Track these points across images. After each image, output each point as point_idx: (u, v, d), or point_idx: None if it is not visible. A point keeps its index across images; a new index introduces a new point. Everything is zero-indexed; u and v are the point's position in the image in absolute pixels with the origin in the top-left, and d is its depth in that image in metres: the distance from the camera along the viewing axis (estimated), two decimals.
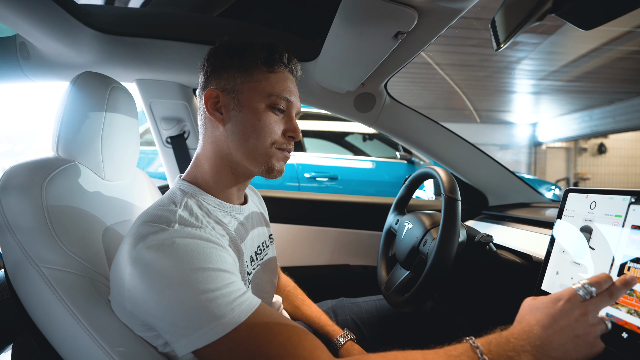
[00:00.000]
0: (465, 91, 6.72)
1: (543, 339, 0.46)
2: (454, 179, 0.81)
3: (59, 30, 0.83)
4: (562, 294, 0.49)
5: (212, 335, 0.46)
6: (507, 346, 0.46)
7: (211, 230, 0.57)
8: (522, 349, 0.46)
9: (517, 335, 0.47)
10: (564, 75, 5.75)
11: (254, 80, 0.62)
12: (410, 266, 0.89)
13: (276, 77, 0.63)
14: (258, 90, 0.62)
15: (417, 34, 0.74)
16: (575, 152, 9.58)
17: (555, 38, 4.35)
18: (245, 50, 0.62)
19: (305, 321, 0.89)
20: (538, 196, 1.37)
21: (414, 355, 0.48)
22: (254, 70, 0.62)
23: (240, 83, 0.62)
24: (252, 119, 0.61)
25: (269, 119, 0.62)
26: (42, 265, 0.56)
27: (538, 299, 0.51)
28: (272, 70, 0.63)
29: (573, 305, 0.47)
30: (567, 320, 0.46)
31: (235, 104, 0.62)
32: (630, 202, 0.56)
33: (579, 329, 0.45)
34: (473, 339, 0.48)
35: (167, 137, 1.28)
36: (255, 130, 0.61)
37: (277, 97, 0.62)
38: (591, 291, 0.47)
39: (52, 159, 0.66)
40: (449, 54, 4.96)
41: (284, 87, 0.63)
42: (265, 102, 0.62)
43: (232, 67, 0.62)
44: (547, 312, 0.48)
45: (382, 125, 1.23)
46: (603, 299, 0.47)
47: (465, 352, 0.47)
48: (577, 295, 0.47)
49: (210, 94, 0.63)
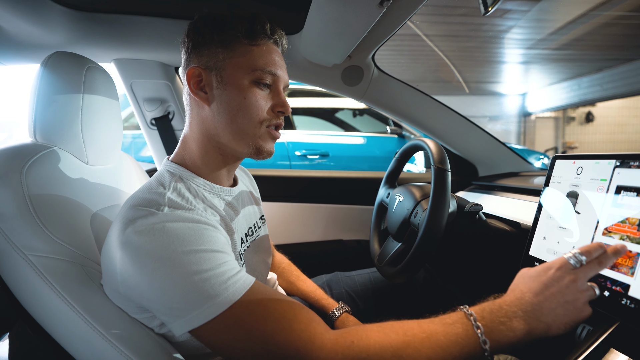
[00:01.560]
0: (454, 62, 6.64)
1: (534, 305, 0.48)
2: (444, 150, 0.81)
3: (26, 9, 0.78)
4: (553, 263, 0.50)
5: (207, 314, 0.46)
6: (499, 312, 0.48)
7: (202, 211, 0.56)
8: (514, 314, 0.47)
9: (509, 302, 0.49)
10: (552, 43, 5.72)
11: (237, 55, 0.59)
12: (402, 238, 0.91)
13: (260, 50, 0.60)
14: (241, 66, 0.59)
15: (402, 1, 0.72)
16: (563, 122, 9.68)
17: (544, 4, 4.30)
18: (225, 24, 0.59)
19: (301, 296, 0.91)
20: (527, 165, 1.39)
21: (409, 324, 0.49)
22: (235, 45, 0.59)
23: (223, 59, 0.59)
24: (237, 96, 0.59)
25: (254, 95, 0.60)
26: (29, 253, 0.55)
27: (532, 269, 0.53)
28: (254, 43, 0.60)
29: (564, 272, 0.49)
30: (557, 287, 0.48)
31: (219, 81, 0.59)
32: (615, 166, 0.57)
33: (569, 295, 0.47)
34: (467, 307, 0.50)
35: (151, 119, 1.24)
36: (241, 108, 0.59)
37: (261, 71, 0.59)
38: (581, 260, 0.49)
39: (29, 144, 0.64)
40: (438, 25, 4.87)
41: (269, 60, 0.61)
42: (249, 78, 0.59)
43: (213, 43, 0.59)
44: (538, 279, 0.50)
45: (370, 99, 1.22)
46: (592, 266, 0.49)
47: (459, 319, 0.48)
48: (567, 263, 0.49)
49: (192, 72, 0.60)
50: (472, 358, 0.46)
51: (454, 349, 0.46)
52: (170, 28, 0.95)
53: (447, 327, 0.48)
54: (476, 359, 0.46)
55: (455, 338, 0.46)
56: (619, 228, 0.52)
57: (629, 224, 0.51)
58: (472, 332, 0.46)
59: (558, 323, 0.47)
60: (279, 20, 0.64)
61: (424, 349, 0.46)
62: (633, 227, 0.51)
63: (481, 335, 0.46)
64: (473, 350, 0.46)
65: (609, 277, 0.52)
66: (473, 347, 0.46)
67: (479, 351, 0.46)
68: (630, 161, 0.54)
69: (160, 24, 0.94)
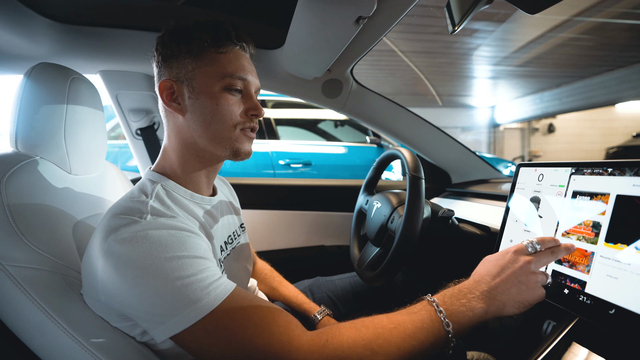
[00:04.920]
0: (428, 77, 6.93)
1: (491, 286, 0.52)
2: (418, 159, 0.85)
3: (10, 20, 0.77)
4: (511, 248, 0.56)
5: (189, 319, 0.47)
6: (459, 296, 0.53)
7: (183, 219, 0.56)
8: (472, 296, 0.52)
9: (468, 285, 0.54)
10: (515, 61, 6.13)
11: (205, 64, 0.60)
12: (380, 243, 0.94)
13: (227, 58, 0.61)
14: (211, 74, 0.60)
15: (377, 20, 0.76)
16: (528, 132, 10.26)
17: (507, 25, 4.61)
18: (191, 34, 0.60)
19: (283, 301, 0.92)
20: (496, 173, 1.47)
21: (379, 318, 0.52)
22: (203, 54, 0.60)
23: (192, 70, 0.60)
24: (209, 104, 0.60)
25: (226, 101, 0.60)
26: (6, 264, 0.53)
27: (493, 255, 0.58)
28: (221, 51, 0.60)
29: (519, 255, 0.54)
30: (512, 268, 0.53)
31: (191, 92, 0.60)
32: (571, 173, 0.61)
33: (522, 276, 0.52)
34: (430, 295, 0.54)
35: (136, 129, 1.24)
36: (214, 115, 0.60)
37: (231, 77, 0.60)
38: (537, 247, 0.55)
39: (10, 154, 0.63)
40: (412, 42, 5.09)
41: (237, 66, 0.61)
42: (220, 85, 0.60)
43: (181, 54, 0.60)
44: (496, 263, 0.55)
45: (350, 111, 1.26)
46: (546, 254, 0.54)
47: (424, 307, 0.52)
48: (524, 249, 0.55)
49: (164, 85, 0.61)
50: (438, 341, 0.50)
51: (420, 334, 0.49)
52: (154, 41, 0.96)
53: (413, 315, 0.51)
54: (442, 341, 0.50)
55: (421, 324, 0.50)
56: (576, 230, 0.57)
57: (584, 225, 0.56)
58: (435, 317, 0.50)
59: (512, 302, 0.52)
60: (263, 35, 0.66)
61: (393, 339, 0.49)
62: (587, 229, 0.56)
63: (444, 318, 0.50)
64: (438, 333, 0.50)
65: (568, 275, 0.57)
66: (438, 330, 0.50)
67: (443, 334, 0.50)
68: (584, 168, 0.60)
69: (145, 37, 0.95)
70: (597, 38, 5.02)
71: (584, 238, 0.56)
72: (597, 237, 0.54)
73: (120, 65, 1.07)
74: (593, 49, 5.57)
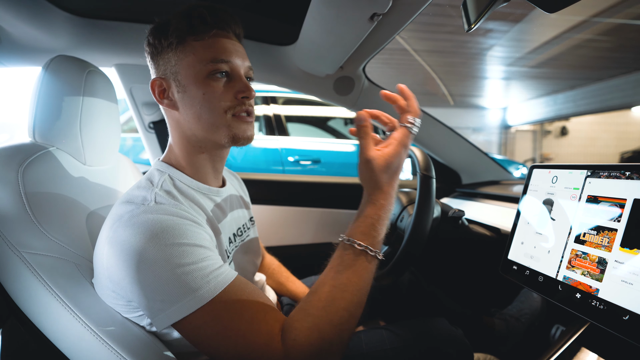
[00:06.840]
0: (440, 76, 6.86)
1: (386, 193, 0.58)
2: (429, 158, 0.84)
3: (31, 14, 0.79)
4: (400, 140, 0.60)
5: (189, 307, 0.47)
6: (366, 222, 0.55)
7: (188, 208, 0.56)
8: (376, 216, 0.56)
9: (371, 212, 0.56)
10: (530, 62, 6.01)
11: (186, 55, 0.59)
12: (388, 241, 0.93)
13: (205, 43, 0.59)
14: (193, 64, 0.58)
15: (392, 16, 0.76)
16: (540, 135, 10.09)
17: (522, 25, 4.52)
18: (168, 28, 0.59)
19: (290, 296, 0.92)
20: (507, 174, 1.45)
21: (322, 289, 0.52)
22: (183, 45, 0.59)
23: (175, 64, 0.59)
24: (196, 95, 0.59)
25: (212, 88, 0.59)
26: (23, 250, 0.55)
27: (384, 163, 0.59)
28: (198, 38, 0.59)
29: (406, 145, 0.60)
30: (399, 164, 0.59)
31: (178, 86, 0.60)
32: (586, 176, 0.60)
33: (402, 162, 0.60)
34: (342, 236, 0.56)
35: (149, 123, 1.26)
36: (203, 105, 0.59)
37: (212, 63, 0.58)
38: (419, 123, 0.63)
39: (28, 144, 0.64)
40: (425, 41, 5.04)
41: (216, 50, 0.59)
42: (203, 73, 0.58)
43: (164, 50, 0.60)
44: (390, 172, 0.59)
45: (361, 108, 1.24)
46: None
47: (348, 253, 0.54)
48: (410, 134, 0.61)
49: (154, 84, 0.61)
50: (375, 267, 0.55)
51: (362, 274, 0.53)
52: None
53: (348, 266, 0.53)
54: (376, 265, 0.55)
55: (358, 268, 0.53)
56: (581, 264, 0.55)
57: (590, 261, 0.54)
58: (359, 251, 0.53)
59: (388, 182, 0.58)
60: (276, 31, 0.66)
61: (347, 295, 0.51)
62: (593, 264, 0.53)
63: (368, 250, 0.53)
64: (371, 261, 0.54)
65: (580, 280, 0.55)
66: (370, 259, 0.53)
67: (374, 259, 0.54)
68: (600, 171, 0.58)
69: None
70: (615, 39, 4.89)
71: (589, 273, 0.54)
72: (602, 274, 0.53)
73: (135, 59, 1.09)
74: (611, 50, 5.43)
